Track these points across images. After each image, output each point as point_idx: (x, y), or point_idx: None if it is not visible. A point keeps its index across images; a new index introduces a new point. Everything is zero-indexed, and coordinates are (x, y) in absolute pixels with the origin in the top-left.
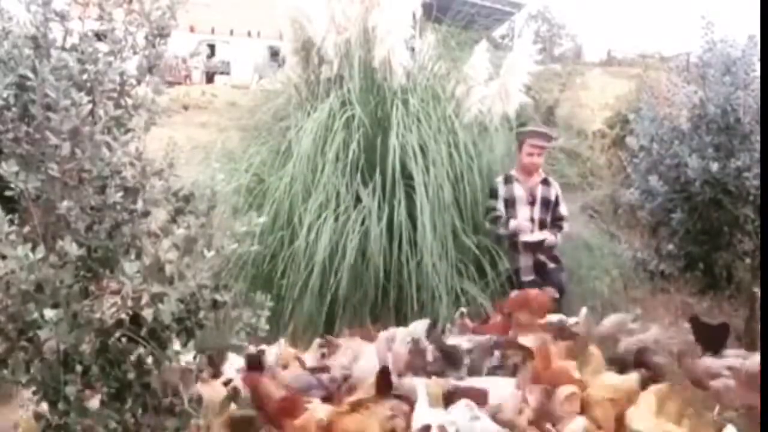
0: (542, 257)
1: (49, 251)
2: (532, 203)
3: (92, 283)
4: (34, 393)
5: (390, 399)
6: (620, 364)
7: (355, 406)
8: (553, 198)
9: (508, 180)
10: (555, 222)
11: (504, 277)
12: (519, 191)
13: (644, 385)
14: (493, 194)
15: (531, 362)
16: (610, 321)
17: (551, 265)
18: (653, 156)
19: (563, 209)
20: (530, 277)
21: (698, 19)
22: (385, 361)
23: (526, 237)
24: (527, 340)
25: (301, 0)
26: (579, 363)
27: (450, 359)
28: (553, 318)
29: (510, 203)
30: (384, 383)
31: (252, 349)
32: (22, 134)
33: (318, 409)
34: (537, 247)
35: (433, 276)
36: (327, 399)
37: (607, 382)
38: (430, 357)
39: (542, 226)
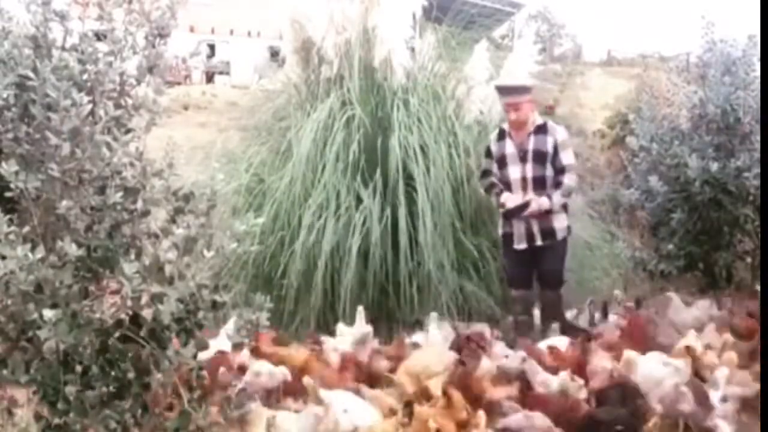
0: (534, 227)
1: (49, 251)
2: (523, 159)
3: (92, 283)
4: (34, 393)
5: None
6: None
7: None
8: (549, 148)
9: (500, 136)
10: (556, 176)
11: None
12: (510, 148)
13: None
14: (488, 153)
15: None
16: None
17: (539, 243)
18: (653, 156)
19: (566, 157)
20: (523, 246)
21: (698, 19)
22: None
23: (506, 204)
24: None
25: (301, 0)
26: None
27: None
28: None
29: (502, 162)
30: None
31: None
32: (22, 134)
33: None
34: (519, 212)
35: (433, 275)
36: None
37: None
38: None
39: (539, 184)
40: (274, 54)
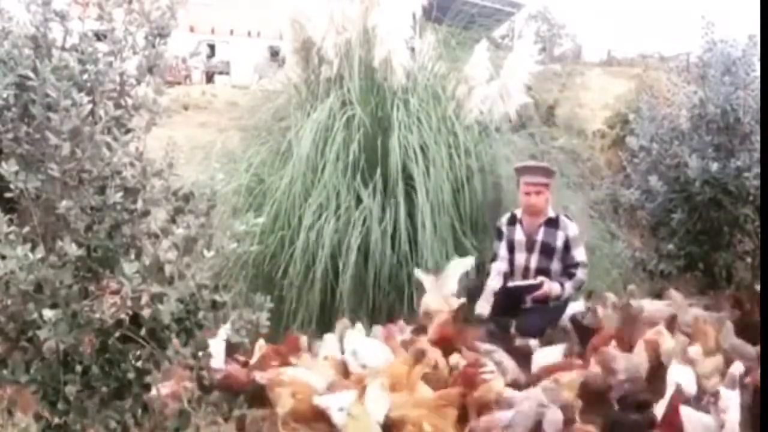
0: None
1: (49, 251)
2: (530, 249)
3: (92, 283)
4: (34, 393)
5: None
6: None
7: None
8: (559, 244)
9: (511, 221)
10: (566, 270)
11: None
12: (519, 235)
13: None
14: (499, 235)
15: None
16: None
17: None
18: (653, 156)
19: (579, 254)
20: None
21: (698, 19)
22: None
23: (510, 282)
24: None
25: (301, 0)
26: None
27: None
28: None
29: (510, 247)
30: None
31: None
32: (22, 134)
33: None
34: (529, 292)
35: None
36: None
37: None
38: None
39: (543, 275)
40: (274, 54)
